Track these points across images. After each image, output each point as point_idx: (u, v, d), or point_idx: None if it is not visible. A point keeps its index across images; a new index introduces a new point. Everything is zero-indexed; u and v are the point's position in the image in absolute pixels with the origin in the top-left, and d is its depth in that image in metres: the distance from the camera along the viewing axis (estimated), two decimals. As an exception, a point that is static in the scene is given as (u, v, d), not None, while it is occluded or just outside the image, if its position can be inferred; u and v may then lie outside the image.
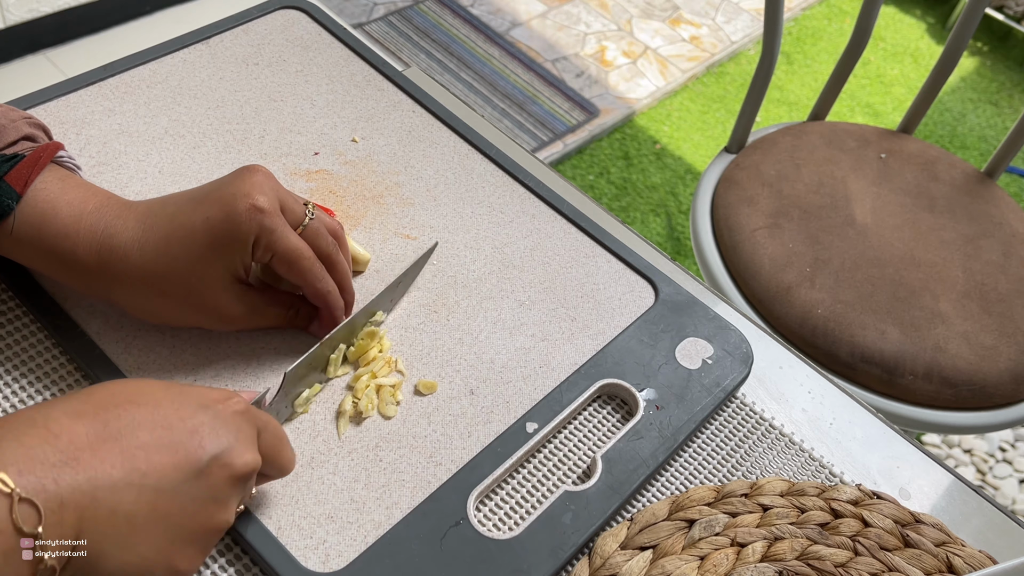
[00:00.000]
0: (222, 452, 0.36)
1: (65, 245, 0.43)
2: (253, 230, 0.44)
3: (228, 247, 0.44)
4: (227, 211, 0.44)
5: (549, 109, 1.95)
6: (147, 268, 0.44)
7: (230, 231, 0.44)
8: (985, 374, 0.90)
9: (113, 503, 0.32)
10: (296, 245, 0.46)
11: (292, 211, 0.47)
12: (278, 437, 0.41)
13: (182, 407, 0.36)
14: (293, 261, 0.46)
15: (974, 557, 0.47)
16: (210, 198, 0.44)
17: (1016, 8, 2.34)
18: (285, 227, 0.45)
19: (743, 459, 0.51)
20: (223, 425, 0.37)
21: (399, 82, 0.67)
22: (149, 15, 1.89)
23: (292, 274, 0.47)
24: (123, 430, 0.34)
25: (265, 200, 0.44)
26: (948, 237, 1.02)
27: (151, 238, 0.44)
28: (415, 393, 0.50)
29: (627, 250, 0.59)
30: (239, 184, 0.44)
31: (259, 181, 0.45)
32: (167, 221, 0.44)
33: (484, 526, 0.45)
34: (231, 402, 0.38)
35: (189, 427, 0.35)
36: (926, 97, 1.13)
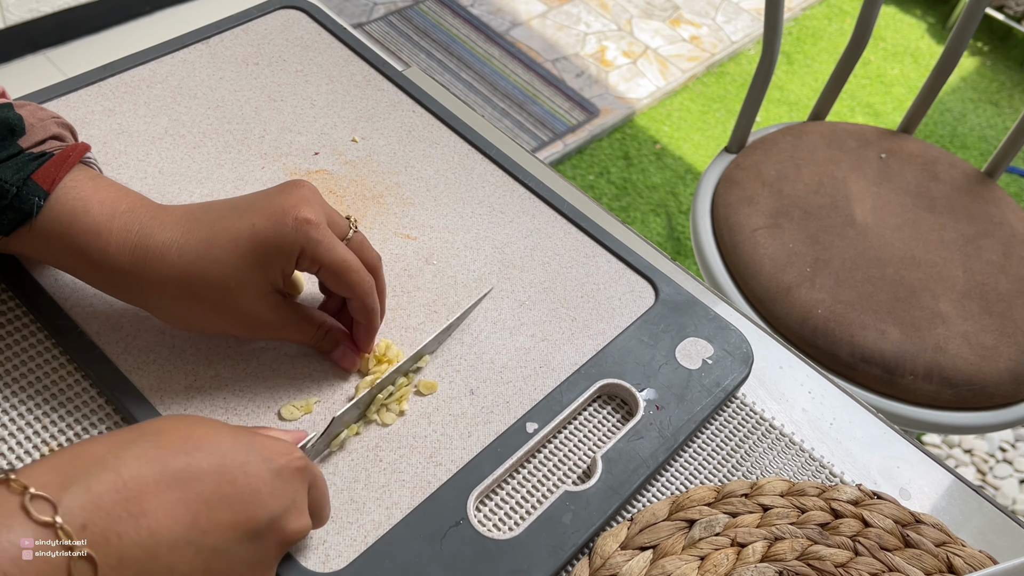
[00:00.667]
0: (279, 516, 0.36)
1: (96, 243, 0.42)
2: (300, 241, 0.43)
3: (273, 256, 0.43)
4: (274, 221, 0.43)
5: (549, 109, 1.95)
6: (186, 270, 0.43)
7: (277, 241, 0.43)
8: (985, 374, 0.90)
9: (171, 562, 0.32)
10: (345, 256, 0.45)
11: (337, 224, 0.46)
12: (324, 493, 0.41)
13: (247, 460, 0.35)
14: (342, 272, 0.45)
15: (974, 557, 0.47)
16: (255, 207, 0.44)
17: (1016, 8, 2.34)
18: (332, 239, 0.45)
19: (743, 459, 0.51)
20: (283, 485, 0.36)
21: (399, 82, 0.67)
22: (149, 15, 1.89)
23: (341, 286, 0.46)
24: (188, 480, 0.33)
25: (312, 212, 0.44)
26: (948, 237, 1.02)
27: (191, 240, 0.43)
28: (415, 393, 0.50)
29: (627, 250, 0.59)
30: (286, 196, 0.44)
31: (306, 194, 0.45)
32: (209, 225, 0.43)
33: (484, 526, 0.45)
34: (293, 458, 0.37)
35: (253, 485, 0.35)
36: (926, 97, 1.13)
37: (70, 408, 0.46)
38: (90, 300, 0.49)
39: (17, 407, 0.45)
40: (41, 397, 0.46)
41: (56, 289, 0.49)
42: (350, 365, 0.49)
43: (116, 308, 0.49)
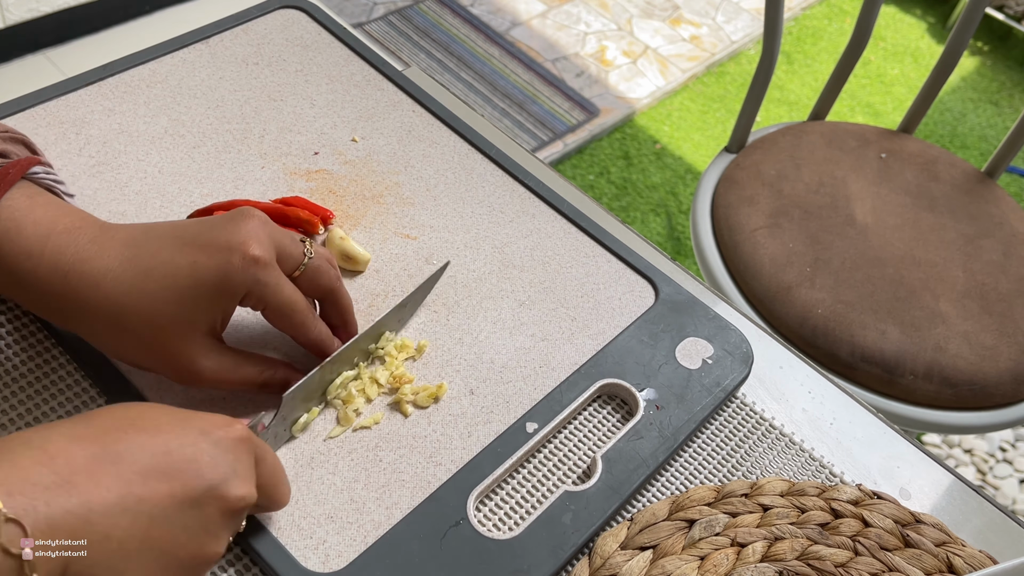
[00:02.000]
0: (219, 483, 0.35)
1: (27, 265, 0.40)
2: (248, 283, 0.42)
3: (214, 297, 0.42)
4: (219, 260, 0.41)
5: (549, 109, 1.95)
6: (118, 301, 0.41)
7: (221, 281, 0.41)
8: (985, 374, 0.90)
9: (106, 528, 0.31)
10: (290, 298, 0.44)
11: (290, 256, 0.44)
12: (276, 469, 0.40)
13: (183, 433, 0.35)
14: (287, 314, 0.44)
15: (974, 557, 0.47)
16: (200, 241, 0.42)
17: (1016, 8, 2.34)
18: (280, 279, 0.43)
19: (743, 459, 0.51)
20: (222, 454, 0.36)
21: (399, 82, 0.67)
22: (149, 15, 1.89)
23: (285, 326, 0.45)
24: (122, 453, 0.33)
25: (261, 250, 0.42)
26: (948, 237, 1.02)
27: (128, 271, 0.41)
28: (431, 398, 0.50)
29: (627, 250, 0.59)
30: (233, 231, 0.42)
31: (254, 228, 0.42)
32: (149, 256, 0.41)
33: (484, 526, 0.45)
34: (232, 429, 0.37)
35: (188, 455, 0.35)
36: (926, 97, 1.13)
37: (70, 408, 0.46)
38: (90, 300, 0.49)
39: (17, 407, 0.45)
40: (41, 397, 0.46)
41: (56, 289, 0.49)
42: None
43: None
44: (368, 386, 0.49)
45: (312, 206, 0.56)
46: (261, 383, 0.46)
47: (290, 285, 0.44)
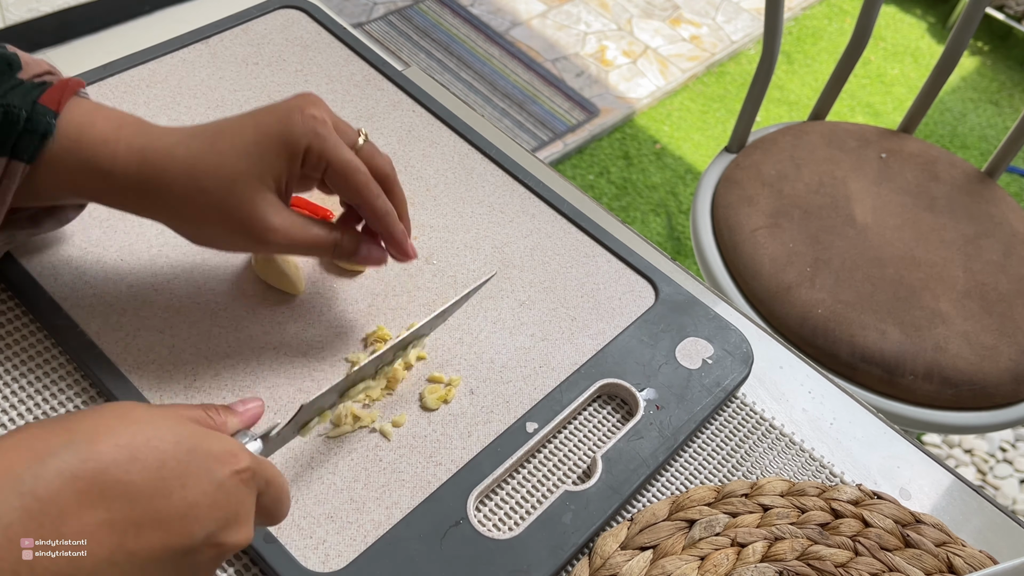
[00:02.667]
0: (217, 531, 0.33)
1: (105, 151, 0.43)
2: (308, 136, 0.44)
3: (278, 151, 0.44)
4: (280, 116, 0.44)
5: (549, 109, 1.95)
6: (192, 164, 0.43)
7: (283, 135, 0.43)
8: (986, 374, 0.90)
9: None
10: (351, 158, 0.45)
11: (345, 133, 0.46)
12: (280, 491, 0.38)
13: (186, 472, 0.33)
14: (349, 174, 0.45)
15: (974, 557, 0.47)
16: (263, 110, 0.45)
17: (1016, 8, 2.34)
18: (339, 141, 0.45)
19: (743, 459, 0.51)
20: (224, 498, 0.34)
21: (399, 81, 0.67)
22: (149, 14, 1.89)
23: (348, 190, 0.46)
24: (118, 497, 0.31)
25: (320, 112, 0.44)
26: (948, 237, 1.02)
27: (198, 137, 0.44)
28: (442, 400, 0.49)
29: (627, 250, 0.59)
30: (294, 99, 0.45)
31: (313, 98, 0.45)
32: (216, 127, 0.44)
33: (484, 526, 0.45)
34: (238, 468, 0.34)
35: (190, 499, 0.32)
36: (926, 97, 1.13)
37: (70, 408, 0.46)
38: (90, 300, 0.49)
39: (17, 407, 0.45)
40: (41, 397, 0.46)
41: (56, 289, 0.49)
42: (378, 260, 0.48)
43: (116, 308, 0.49)
44: (371, 389, 0.49)
45: (312, 206, 0.56)
46: (332, 241, 0.47)
47: (349, 150, 0.45)
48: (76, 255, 0.51)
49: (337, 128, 0.46)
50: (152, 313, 0.50)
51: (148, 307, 0.50)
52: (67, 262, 0.51)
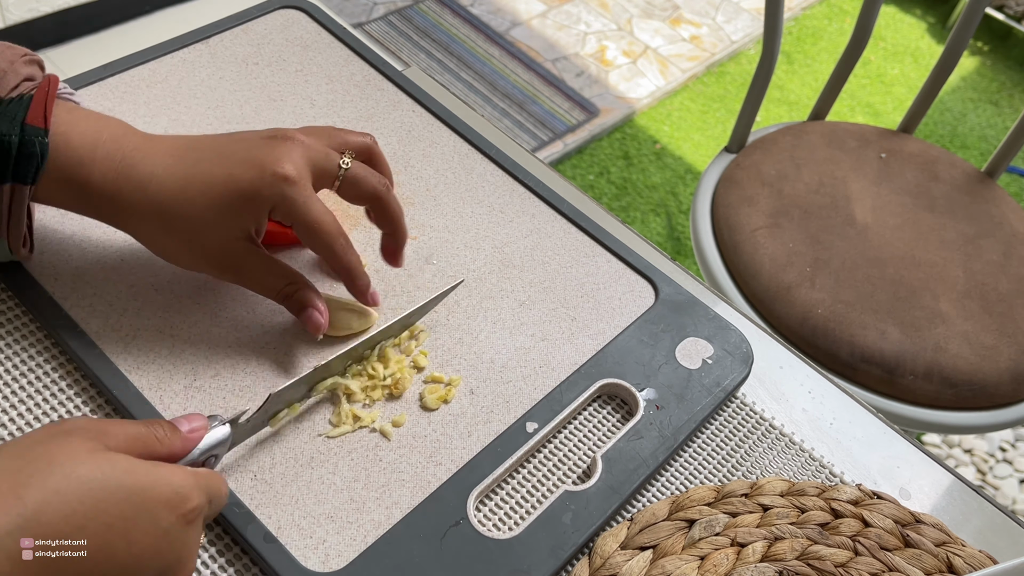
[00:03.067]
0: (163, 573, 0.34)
1: (80, 173, 0.43)
2: (274, 199, 0.44)
3: (245, 208, 0.45)
4: (251, 175, 0.44)
5: (549, 109, 1.95)
6: (162, 203, 0.44)
7: (250, 193, 0.44)
8: (985, 374, 0.90)
9: None
10: (319, 217, 0.46)
11: (325, 171, 0.47)
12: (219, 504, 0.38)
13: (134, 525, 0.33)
14: (315, 232, 0.46)
15: (974, 557, 0.47)
16: (237, 157, 0.45)
17: (1016, 8, 2.34)
18: (309, 198, 0.45)
19: (743, 459, 0.51)
20: (169, 546, 0.34)
21: (399, 82, 0.67)
22: (149, 15, 1.89)
23: (315, 245, 0.47)
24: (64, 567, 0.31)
25: (292, 168, 0.45)
26: (948, 237, 1.02)
27: (171, 177, 0.44)
28: (441, 400, 0.49)
29: (627, 250, 0.59)
30: (269, 150, 0.45)
31: (288, 149, 0.45)
32: (190, 166, 0.45)
33: (484, 526, 0.45)
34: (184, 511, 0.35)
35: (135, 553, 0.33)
36: (926, 97, 1.13)
37: (70, 408, 0.46)
38: (90, 300, 0.49)
39: (17, 407, 0.45)
40: (41, 397, 0.46)
41: (56, 289, 0.49)
42: (314, 329, 0.49)
43: (116, 308, 0.49)
44: (372, 389, 0.49)
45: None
46: (284, 295, 0.48)
47: (321, 205, 0.46)
48: (76, 255, 0.51)
49: (316, 170, 0.46)
50: (152, 313, 0.50)
51: (148, 307, 0.50)
52: (67, 262, 0.51)
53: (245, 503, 0.43)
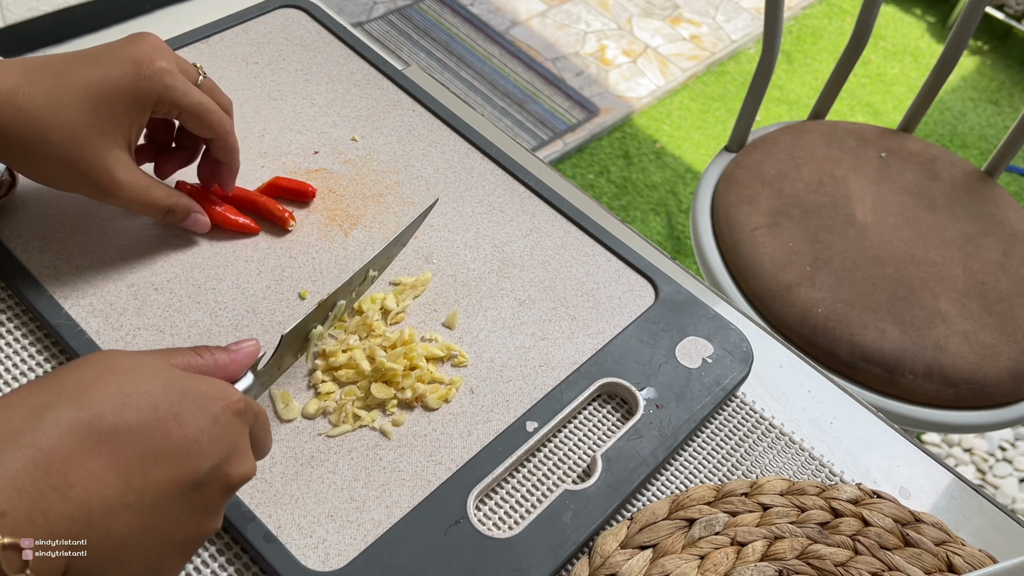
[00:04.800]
0: (220, 463, 0.34)
1: None
2: (157, 89, 0.44)
3: (127, 106, 0.44)
4: (127, 70, 0.43)
5: (549, 108, 1.94)
6: (35, 115, 0.42)
7: (132, 90, 0.43)
8: (985, 373, 0.90)
9: (107, 525, 0.30)
10: (202, 99, 0.46)
11: (187, 71, 0.47)
12: (265, 428, 0.39)
13: (181, 410, 0.33)
14: (202, 114, 0.47)
15: (974, 556, 0.47)
16: (105, 58, 0.44)
17: (1016, 7, 2.34)
18: (188, 84, 0.46)
19: (743, 458, 0.51)
20: (222, 432, 0.34)
21: (399, 81, 0.67)
22: (149, 14, 1.89)
23: (204, 127, 0.47)
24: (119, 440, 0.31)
25: (166, 62, 0.45)
26: (948, 236, 1.02)
27: (39, 86, 0.42)
28: (439, 399, 0.50)
29: (627, 249, 0.59)
30: (136, 46, 0.45)
31: (155, 43, 0.45)
32: (57, 74, 0.43)
33: (484, 525, 0.45)
34: (230, 402, 0.35)
35: (189, 436, 0.33)
36: (926, 96, 1.13)
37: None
38: (90, 299, 0.49)
39: (17, 406, 0.45)
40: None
41: (56, 288, 0.49)
42: (203, 228, 0.50)
43: (116, 308, 0.49)
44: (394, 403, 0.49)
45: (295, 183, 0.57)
46: (168, 207, 0.48)
47: (197, 90, 0.47)
48: (76, 255, 0.51)
49: (181, 69, 0.47)
50: (152, 313, 0.50)
51: (148, 307, 0.50)
52: (67, 262, 0.51)
53: (245, 502, 0.43)
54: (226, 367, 0.39)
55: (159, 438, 0.32)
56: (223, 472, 0.34)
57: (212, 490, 0.34)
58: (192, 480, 0.33)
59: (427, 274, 0.54)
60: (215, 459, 0.34)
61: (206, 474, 0.33)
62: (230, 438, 0.35)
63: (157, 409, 0.33)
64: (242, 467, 0.35)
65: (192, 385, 0.35)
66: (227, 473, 0.34)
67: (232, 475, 0.35)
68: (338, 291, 0.48)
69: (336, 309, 0.49)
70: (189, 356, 0.38)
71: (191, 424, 0.33)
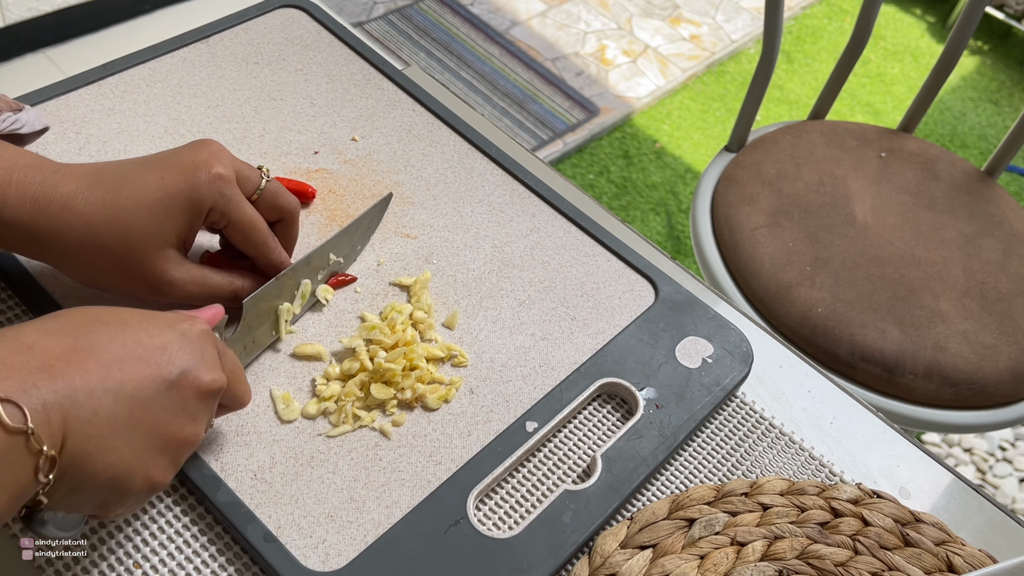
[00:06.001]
0: (191, 367, 0.37)
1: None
2: (213, 196, 0.44)
3: (182, 209, 0.44)
4: (186, 176, 0.44)
5: (549, 108, 1.94)
6: (91, 220, 0.42)
7: (188, 194, 0.44)
8: (985, 373, 0.90)
9: (93, 406, 0.33)
10: (252, 216, 0.47)
11: (248, 179, 0.47)
12: (235, 365, 0.42)
13: (149, 326, 0.37)
14: (248, 231, 0.47)
15: (974, 556, 0.47)
16: (164, 163, 0.44)
17: (1016, 7, 2.34)
18: (242, 198, 0.46)
19: (743, 458, 0.51)
20: (189, 343, 0.38)
21: (399, 81, 0.67)
22: (149, 14, 1.89)
23: (247, 244, 0.48)
24: (95, 344, 0.34)
25: (224, 169, 0.45)
26: (948, 236, 1.02)
27: (97, 191, 0.42)
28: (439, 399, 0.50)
29: (627, 249, 0.59)
30: (197, 153, 0.45)
31: (216, 150, 0.45)
32: (116, 179, 0.43)
33: (484, 525, 0.45)
34: (196, 322, 0.39)
35: (158, 343, 0.36)
36: (926, 96, 1.13)
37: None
38: (90, 300, 0.49)
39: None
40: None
41: (56, 289, 0.49)
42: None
43: (116, 307, 0.49)
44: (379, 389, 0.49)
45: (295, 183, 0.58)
46: (231, 293, 0.48)
47: (251, 206, 0.47)
48: (76, 254, 0.51)
49: (240, 177, 0.47)
50: (152, 312, 0.50)
51: (147, 307, 0.50)
52: (67, 261, 0.51)
53: (245, 502, 0.43)
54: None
55: (131, 344, 0.36)
56: (194, 376, 0.37)
57: (187, 392, 0.37)
58: (166, 379, 0.36)
59: (427, 274, 0.54)
60: (184, 364, 0.37)
61: (178, 376, 0.36)
62: (197, 348, 0.38)
63: (127, 325, 0.36)
64: (211, 373, 0.38)
65: (158, 312, 0.39)
66: (198, 376, 0.37)
67: (203, 379, 0.37)
68: (297, 268, 0.49)
69: (302, 287, 0.50)
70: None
71: (159, 335, 0.37)
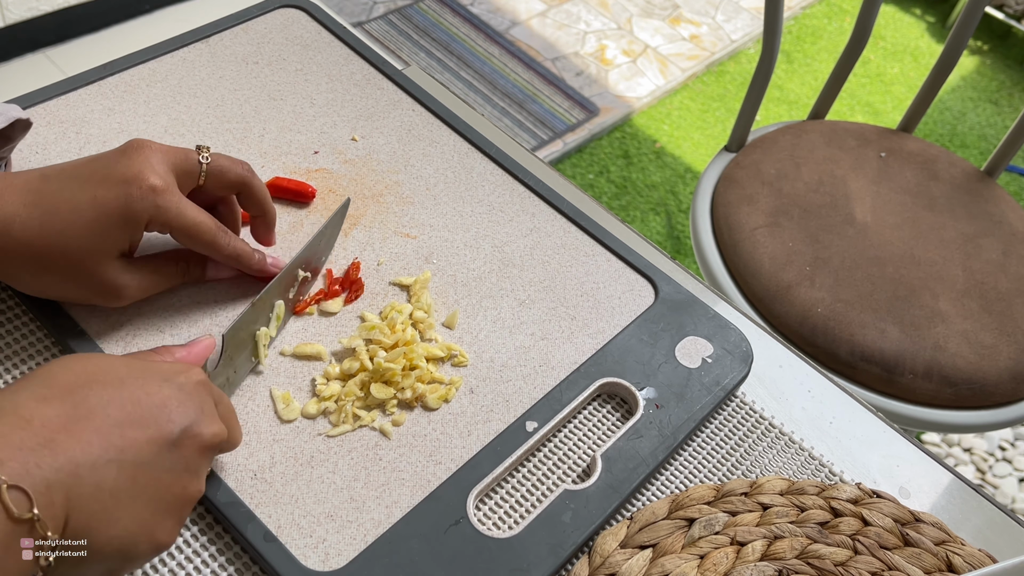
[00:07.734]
0: (191, 424, 0.37)
1: None
2: (148, 212, 0.44)
3: (119, 226, 0.44)
4: (117, 192, 0.43)
5: (549, 108, 1.94)
6: (31, 243, 0.43)
7: (123, 213, 0.43)
8: (985, 373, 0.90)
9: (96, 480, 0.33)
10: (193, 219, 0.46)
11: (188, 172, 0.46)
12: (230, 410, 0.42)
13: (147, 383, 0.37)
14: (192, 235, 0.46)
15: (974, 556, 0.47)
16: (97, 177, 0.44)
17: (1016, 7, 2.34)
18: (180, 203, 0.45)
19: (743, 458, 0.51)
20: (187, 398, 0.37)
21: (399, 81, 0.67)
22: (149, 14, 1.89)
23: (196, 247, 0.47)
24: (93, 409, 0.34)
25: (157, 178, 0.44)
26: (948, 236, 1.02)
27: (34, 213, 0.43)
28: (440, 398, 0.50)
29: (627, 249, 0.59)
30: (129, 164, 0.44)
31: (148, 156, 0.44)
32: (51, 196, 0.43)
33: (484, 525, 0.45)
34: (191, 374, 0.39)
35: (157, 401, 0.36)
36: (926, 96, 1.13)
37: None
38: (90, 299, 0.49)
39: None
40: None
41: (56, 288, 0.49)
42: (228, 274, 0.51)
43: (116, 308, 0.49)
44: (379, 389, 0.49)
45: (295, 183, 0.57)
46: (180, 277, 0.49)
47: (192, 207, 0.46)
48: (76, 254, 0.51)
49: (179, 172, 0.46)
50: (152, 313, 0.50)
51: (148, 307, 0.50)
52: (67, 261, 0.51)
53: (245, 502, 0.43)
54: (184, 361, 0.42)
55: (130, 406, 0.35)
56: (195, 432, 0.37)
57: (189, 450, 0.37)
58: (167, 440, 0.36)
59: (427, 274, 0.54)
60: (185, 421, 0.37)
61: (179, 434, 0.36)
62: (196, 402, 0.38)
63: (124, 384, 0.36)
64: (212, 427, 0.38)
65: (153, 366, 0.38)
66: (199, 433, 0.37)
67: (204, 434, 0.37)
68: (271, 290, 0.48)
69: (276, 309, 0.49)
70: (148, 355, 0.41)
71: (158, 393, 0.37)
